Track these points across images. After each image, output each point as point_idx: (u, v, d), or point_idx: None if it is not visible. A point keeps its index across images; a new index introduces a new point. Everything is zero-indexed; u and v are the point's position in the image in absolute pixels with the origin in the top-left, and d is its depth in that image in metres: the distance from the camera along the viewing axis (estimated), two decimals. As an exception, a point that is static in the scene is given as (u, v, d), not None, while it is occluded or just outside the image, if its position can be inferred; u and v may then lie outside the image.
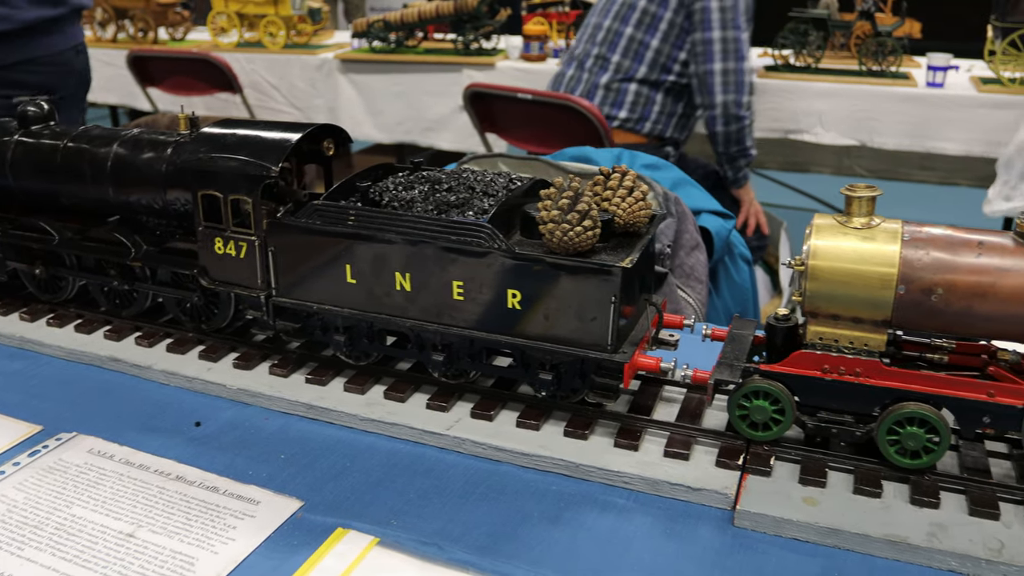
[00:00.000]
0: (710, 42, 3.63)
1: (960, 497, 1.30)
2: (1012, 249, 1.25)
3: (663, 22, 3.72)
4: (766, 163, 5.77)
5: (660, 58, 3.78)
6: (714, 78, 3.67)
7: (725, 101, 3.69)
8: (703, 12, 3.64)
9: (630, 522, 1.29)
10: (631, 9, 3.84)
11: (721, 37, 3.63)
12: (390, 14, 5.38)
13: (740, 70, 3.69)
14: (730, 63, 3.66)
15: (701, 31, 3.65)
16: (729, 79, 3.67)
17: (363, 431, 1.52)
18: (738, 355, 1.39)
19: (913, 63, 5.02)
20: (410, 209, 1.46)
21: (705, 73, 3.69)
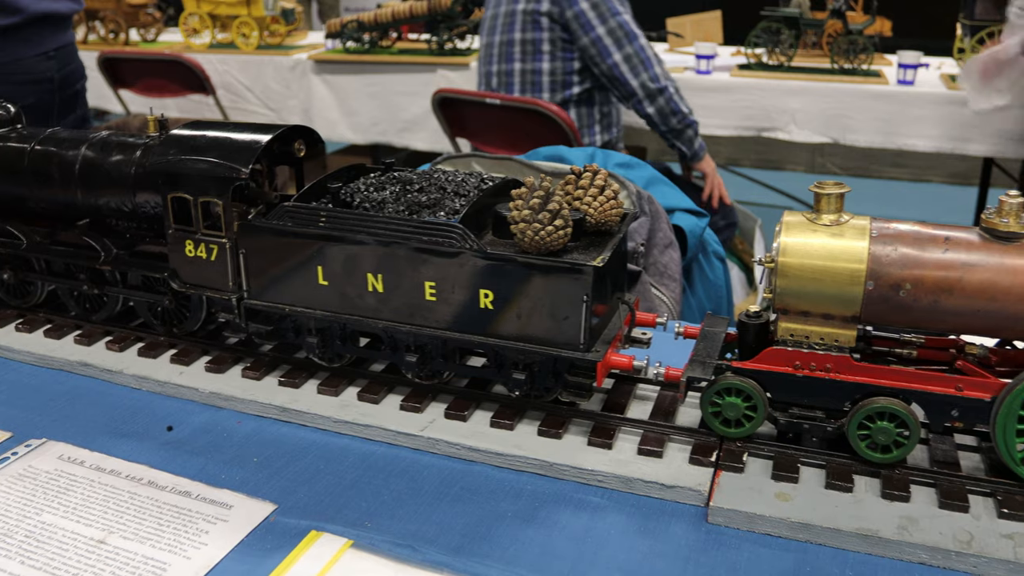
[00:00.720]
0: (598, 40, 3.64)
1: (930, 490, 1.32)
2: (978, 244, 1.26)
3: (544, 44, 3.73)
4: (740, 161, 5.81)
5: (556, 78, 3.80)
6: (619, 68, 3.67)
7: (640, 83, 3.69)
8: (578, 18, 3.64)
9: (604, 520, 1.30)
10: (509, 46, 3.84)
11: (607, 31, 3.63)
12: (364, 14, 5.36)
13: (639, 48, 3.69)
14: (627, 48, 3.65)
15: (585, 34, 3.66)
16: (633, 61, 3.67)
17: (337, 433, 1.51)
18: (710, 352, 1.40)
19: (884, 61, 5.07)
20: (381, 210, 1.45)
21: (610, 68, 3.69)
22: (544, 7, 3.71)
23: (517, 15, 3.77)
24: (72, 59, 3.24)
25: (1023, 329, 1.27)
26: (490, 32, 3.97)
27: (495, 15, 3.96)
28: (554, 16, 3.70)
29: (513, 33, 3.79)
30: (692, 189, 3.87)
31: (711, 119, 4.60)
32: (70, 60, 3.23)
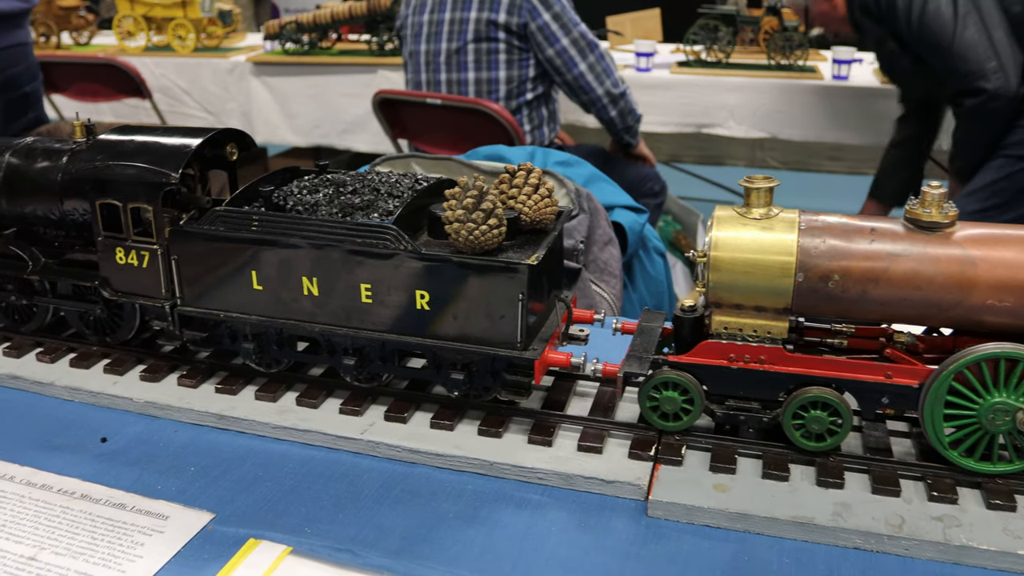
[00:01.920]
0: (564, 51, 3.67)
1: (863, 476, 1.34)
2: (903, 234, 1.29)
3: (500, 53, 3.73)
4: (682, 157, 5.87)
5: (512, 86, 3.81)
6: (585, 78, 3.72)
7: (605, 90, 3.75)
8: (542, 30, 3.66)
9: (545, 517, 1.30)
10: (461, 55, 3.82)
11: (571, 41, 3.67)
12: (302, 15, 5.31)
13: (600, 56, 3.73)
14: (590, 57, 3.69)
15: (550, 46, 3.68)
16: (596, 70, 3.71)
17: (276, 439, 1.50)
18: (647, 347, 1.41)
19: (819, 57, 5.16)
20: (315, 213, 1.44)
21: (575, 78, 3.73)
22: (501, 18, 3.68)
23: (468, 23, 3.74)
24: (20, 60, 3.10)
25: (948, 316, 1.30)
26: (428, 39, 3.90)
27: (429, 21, 3.87)
28: (512, 27, 3.70)
29: (464, 42, 3.75)
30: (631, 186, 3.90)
31: (652, 116, 4.64)
32: (16, 61, 3.09)
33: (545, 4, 3.64)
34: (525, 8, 3.64)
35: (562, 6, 3.68)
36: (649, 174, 4.12)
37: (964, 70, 3.21)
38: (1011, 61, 3.19)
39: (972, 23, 3.15)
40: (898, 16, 3.37)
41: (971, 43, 3.16)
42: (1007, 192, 3.38)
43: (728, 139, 5.00)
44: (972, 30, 3.15)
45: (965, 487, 1.31)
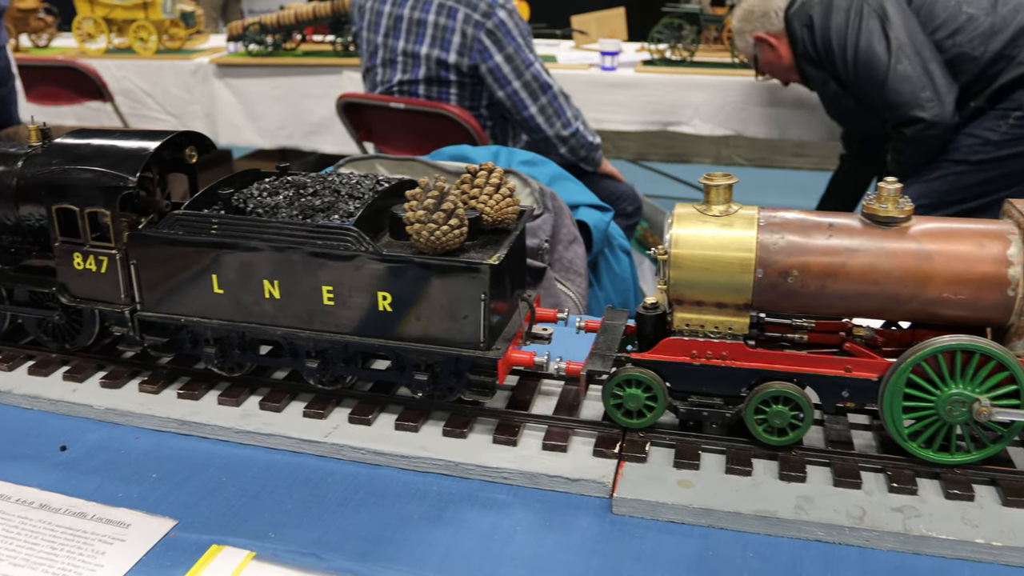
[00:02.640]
0: (515, 94, 3.58)
1: (825, 469, 1.36)
2: (860, 230, 1.31)
3: (452, 87, 3.67)
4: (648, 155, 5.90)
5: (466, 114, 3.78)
6: (535, 120, 3.64)
7: (555, 132, 3.67)
8: (493, 72, 3.56)
9: (510, 517, 1.30)
10: (413, 85, 3.75)
11: (522, 84, 3.58)
12: (266, 16, 5.27)
13: (552, 98, 3.65)
14: (541, 99, 3.61)
15: (501, 88, 3.59)
16: (547, 112, 3.63)
17: (239, 444, 1.48)
18: (610, 345, 1.42)
19: (782, 54, 5.19)
20: (275, 215, 1.43)
21: (524, 120, 3.66)
22: (451, 58, 3.60)
23: (420, 59, 3.67)
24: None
25: (905, 310, 1.32)
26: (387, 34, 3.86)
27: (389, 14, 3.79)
28: (463, 68, 3.63)
29: (416, 77, 3.71)
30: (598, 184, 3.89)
31: (617, 115, 4.65)
32: None
33: (498, 45, 3.53)
34: (476, 49, 3.54)
35: (516, 46, 3.56)
36: (624, 193, 4.03)
37: (900, 101, 3.31)
38: (946, 90, 3.30)
39: (905, 57, 3.26)
40: (835, 58, 3.46)
41: (905, 75, 3.27)
42: (938, 193, 3.48)
43: (694, 137, 5.03)
44: (905, 63, 3.26)
45: (924, 478, 1.33)
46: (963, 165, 3.41)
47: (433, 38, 3.55)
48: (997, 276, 1.26)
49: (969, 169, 3.41)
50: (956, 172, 3.42)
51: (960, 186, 3.44)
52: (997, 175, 3.40)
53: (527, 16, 5.46)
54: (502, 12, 3.47)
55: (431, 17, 3.50)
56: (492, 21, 3.45)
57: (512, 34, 3.48)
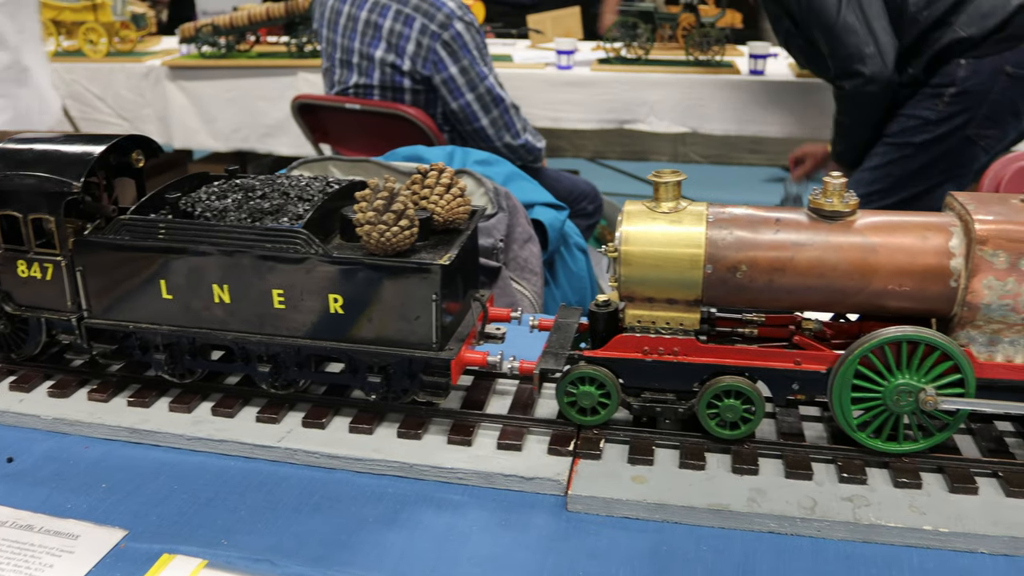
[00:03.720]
0: (467, 106, 3.57)
1: (777, 462, 1.37)
2: (807, 224, 1.32)
3: (407, 94, 3.65)
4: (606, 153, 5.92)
5: None
6: (485, 131, 3.65)
7: (504, 143, 3.68)
8: (447, 84, 3.55)
9: (466, 517, 1.30)
10: (368, 89, 3.72)
11: (475, 97, 3.57)
12: (219, 18, 5.21)
13: (504, 111, 3.65)
14: (493, 112, 3.60)
15: (454, 100, 3.58)
16: (498, 124, 3.64)
17: (191, 451, 1.47)
18: (563, 343, 1.42)
19: (736, 52, 5.25)
20: (223, 219, 1.41)
21: (475, 131, 3.66)
22: (405, 65, 3.57)
23: (375, 62, 3.64)
24: None
25: (852, 303, 1.33)
26: (340, 66, 3.81)
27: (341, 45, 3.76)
28: (417, 77, 3.60)
29: (371, 82, 3.69)
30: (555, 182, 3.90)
31: (574, 113, 4.67)
32: None
33: (453, 57, 3.51)
34: (431, 60, 3.51)
35: (471, 59, 3.54)
36: (584, 192, 4.06)
37: (844, 53, 3.36)
38: (889, 48, 3.35)
39: (852, 10, 3.31)
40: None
41: (851, 27, 3.31)
42: (890, 178, 3.54)
43: (650, 135, 5.06)
44: (852, 17, 3.31)
45: (874, 467, 1.35)
46: (908, 148, 3.48)
47: (388, 43, 3.53)
48: (940, 268, 1.28)
49: (915, 151, 3.47)
50: (903, 155, 3.48)
51: (909, 170, 3.50)
52: (941, 155, 3.45)
53: (483, 16, 5.46)
54: (459, 24, 3.46)
55: (387, 23, 3.48)
56: (449, 32, 3.43)
57: (468, 47, 3.48)
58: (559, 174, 4.09)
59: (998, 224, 1.25)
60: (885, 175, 3.57)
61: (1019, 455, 1.37)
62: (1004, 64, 3.28)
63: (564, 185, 3.93)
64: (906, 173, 3.53)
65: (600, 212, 4.13)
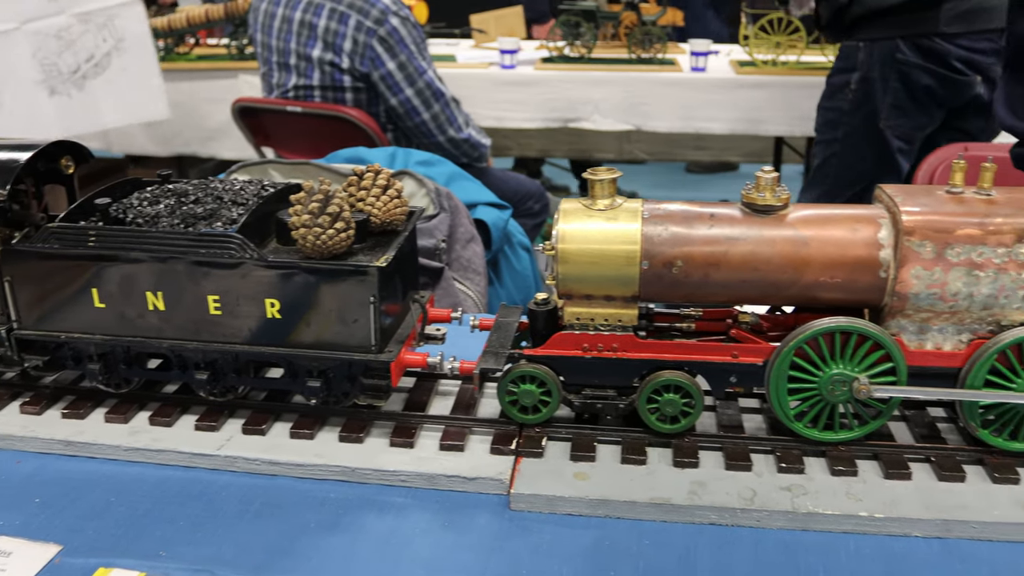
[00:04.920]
0: (407, 101, 3.56)
1: (717, 454, 1.39)
2: (740, 219, 1.34)
3: (347, 93, 3.63)
4: (552, 151, 5.94)
5: None
6: (427, 126, 3.63)
7: (447, 138, 3.67)
8: (385, 80, 3.53)
9: (408, 519, 1.29)
10: (308, 90, 3.69)
11: (415, 92, 3.56)
12: (156, 20, 5.12)
13: (445, 105, 3.64)
14: (434, 107, 3.59)
15: (393, 95, 3.56)
16: (440, 119, 3.63)
17: (128, 462, 1.44)
18: (503, 343, 1.42)
19: (678, 50, 5.31)
20: (155, 225, 1.39)
21: (416, 125, 3.65)
22: (344, 63, 3.54)
23: (314, 62, 3.59)
24: None
25: (786, 295, 1.35)
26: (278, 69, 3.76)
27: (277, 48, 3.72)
28: (356, 75, 3.57)
29: (310, 82, 3.65)
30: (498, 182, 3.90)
31: (518, 112, 4.68)
32: None
33: (390, 52, 3.49)
34: (368, 57, 3.49)
35: (409, 54, 3.52)
36: (531, 191, 4.06)
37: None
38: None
39: None
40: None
41: None
42: (828, 180, 3.59)
43: (596, 133, 5.09)
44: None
45: (811, 456, 1.38)
46: (835, 144, 3.52)
47: (325, 42, 3.50)
48: (870, 259, 1.31)
49: (841, 148, 3.51)
50: (832, 153, 3.53)
51: (843, 167, 3.54)
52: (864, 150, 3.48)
53: (426, 16, 5.45)
54: (395, 19, 3.44)
55: (322, 22, 3.45)
56: (384, 28, 3.41)
57: (405, 42, 3.46)
58: (505, 173, 4.10)
59: (924, 215, 1.28)
60: (823, 177, 3.60)
61: (951, 440, 1.40)
62: (896, 51, 3.32)
63: (511, 185, 3.94)
64: (841, 172, 3.56)
65: (547, 211, 4.13)
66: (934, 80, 3.33)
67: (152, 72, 4.07)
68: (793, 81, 4.57)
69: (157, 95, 4.12)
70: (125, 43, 3.91)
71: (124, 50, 3.91)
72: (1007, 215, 1.27)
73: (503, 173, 4.11)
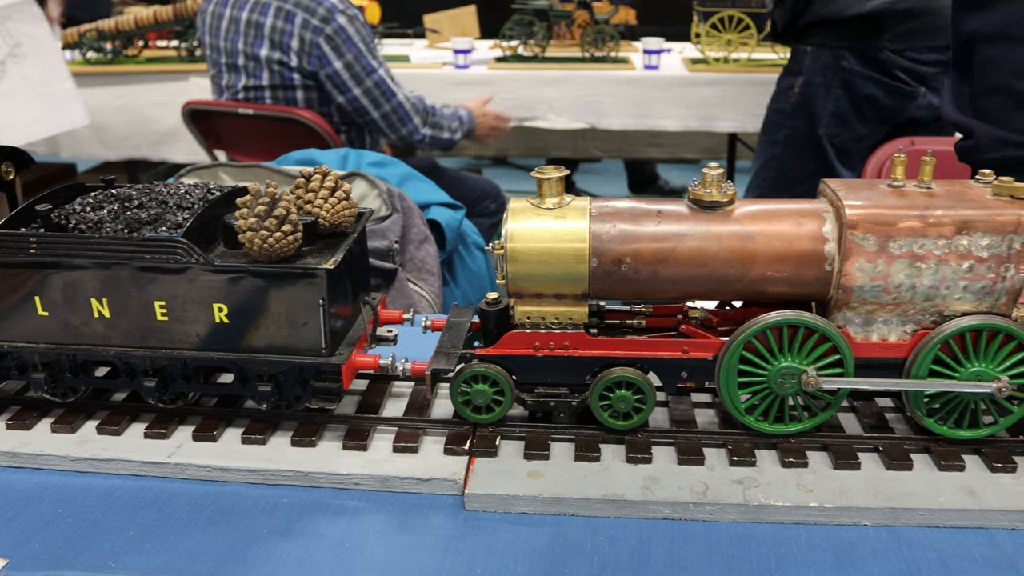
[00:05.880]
0: (355, 100, 3.53)
1: (670, 449, 1.40)
2: (687, 215, 1.35)
3: (298, 91, 3.59)
4: (508, 151, 5.95)
5: None
6: (378, 124, 3.60)
7: (400, 136, 3.64)
8: (332, 79, 3.49)
9: (362, 522, 1.29)
10: (258, 91, 3.65)
11: (363, 91, 3.52)
12: (103, 22, 5.04)
13: (397, 105, 3.60)
14: (384, 106, 3.56)
15: (341, 94, 3.53)
16: (392, 119, 3.60)
17: (76, 472, 1.41)
18: (455, 343, 1.42)
19: (631, 48, 5.35)
20: (99, 231, 1.37)
21: (368, 123, 3.62)
22: (293, 62, 3.50)
23: (262, 62, 3.55)
24: None
25: (734, 290, 1.37)
26: (228, 71, 3.71)
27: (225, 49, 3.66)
28: (305, 73, 3.53)
29: (260, 82, 3.60)
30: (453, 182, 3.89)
31: (473, 112, 4.67)
32: None
33: (337, 52, 3.45)
34: (315, 55, 3.46)
35: (357, 52, 3.48)
36: (487, 191, 4.03)
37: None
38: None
39: None
40: None
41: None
42: (767, 183, 3.59)
43: (551, 131, 5.10)
44: None
45: (763, 449, 1.39)
46: (776, 147, 3.53)
47: (272, 41, 3.46)
48: (815, 253, 1.32)
49: (781, 150, 3.52)
50: (773, 155, 3.54)
51: (782, 171, 3.55)
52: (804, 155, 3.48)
53: (378, 16, 5.42)
54: (342, 18, 3.41)
55: (269, 21, 3.42)
56: (331, 27, 3.38)
57: (352, 40, 3.43)
58: (461, 173, 4.09)
59: (867, 209, 1.30)
60: (762, 180, 3.61)
61: (898, 429, 1.43)
62: (842, 59, 3.32)
63: (467, 185, 3.93)
64: (779, 176, 3.56)
65: (504, 210, 4.11)
66: (879, 89, 3.35)
67: (60, 77, 3.76)
68: (745, 78, 4.62)
69: (69, 101, 3.81)
70: (23, 48, 3.62)
71: (22, 56, 3.60)
72: (946, 207, 1.29)
73: (459, 173, 4.10)
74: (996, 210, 1.29)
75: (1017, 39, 1.86)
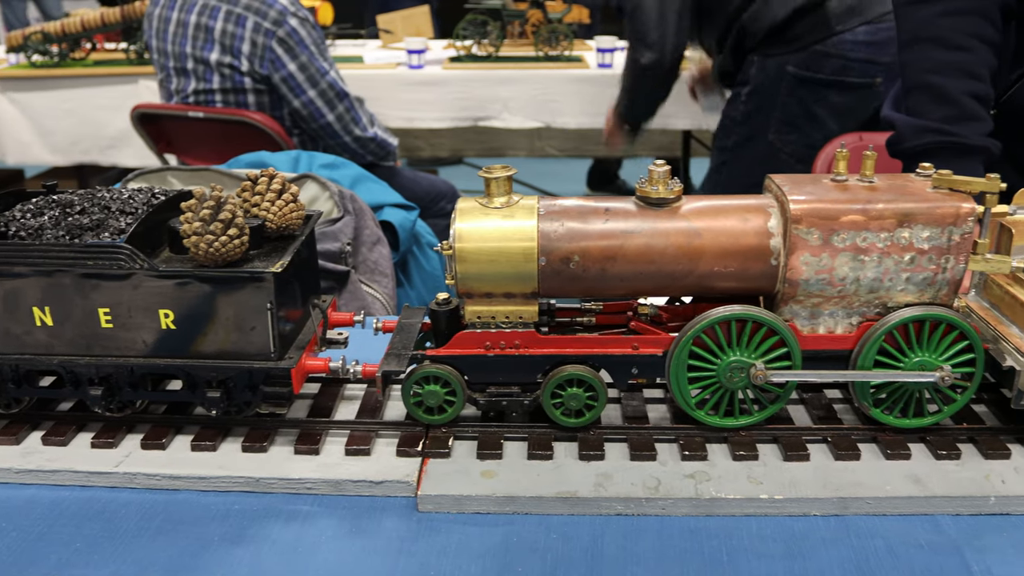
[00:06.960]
0: (310, 103, 3.50)
1: (623, 445, 1.40)
2: (634, 212, 1.36)
3: (249, 95, 3.56)
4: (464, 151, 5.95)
5: None
6: (332, 127, 3.58)
7: (353, 138, 3.62)
8: (287, 82, 3.47)
9: (315, 527, 1.28)
10: (209, 94, 3.61)
11: (318, 93, 3.50)
12: (49, 24, 4.95)
13: (349, 107, 3.59)
14: (338, 108, 3.54)
15: (295, 97, 3.50)
16: (345, 120, 3.58)
17: (21, 484, 1.39)
18: (406, 344, 1.41)
19: (585, 47, 5.36)
20: (39, 237, 1.34)
21: (321, 127, 3.59)
22: (244, 66, 3.46)
23: (212, 66, 3.50)
24: None
25: (682, 286, 1.38)
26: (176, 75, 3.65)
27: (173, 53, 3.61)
28: (257, 77, 3.49)
29: (211, 83, 3.51)
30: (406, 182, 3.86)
31: (427, 112, 4.66)
32: None
33: (291, 54, 3.42)
34: (268, 59, 3.43)
35: (310, 55, 3.46)
36: (443, 192, 4.00)
37: (633, 32, 3.37)
38: (673, 38, 3.33)
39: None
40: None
41: (646, 9, 3.29)
42: (718, 188, 3.59)
43: (507, 131, 5.11)
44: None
45: (714, 443, 1.40)
46: (726, 153, 3.51)
47: (222, 45, 3.41)
48: (760, 247, 1.34)
49: (730, 157, 3.50)
50: (723, 161, 3.54)
51: (731, 177, 3.54)
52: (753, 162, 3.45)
53: (331, 17, 5.39)
54: (293, 20, 3.38)
55: (219, 24, 3.38)
56: (283, 29, 3.35)
57: (305, 43, 3.40)
58: (416, 174, 4.07)
59: (810, 203, 1.32)
60: (715, 184, 3.61)
61: (846, 420, 1.45)
62: (787, 64, 3.29)
63: (422, 186, 3.92)
64: (730, 182, 3.55)
65: None
66: (829, 89, 3.30)
67: None
68: (697, 76, 4.65)
69: None
70: None
71: None
72: (888, 200, 1.32)
73: (414, 174, 4.09)
74: (936, 202, 1.31)
75: (925, 40, 2.04)
